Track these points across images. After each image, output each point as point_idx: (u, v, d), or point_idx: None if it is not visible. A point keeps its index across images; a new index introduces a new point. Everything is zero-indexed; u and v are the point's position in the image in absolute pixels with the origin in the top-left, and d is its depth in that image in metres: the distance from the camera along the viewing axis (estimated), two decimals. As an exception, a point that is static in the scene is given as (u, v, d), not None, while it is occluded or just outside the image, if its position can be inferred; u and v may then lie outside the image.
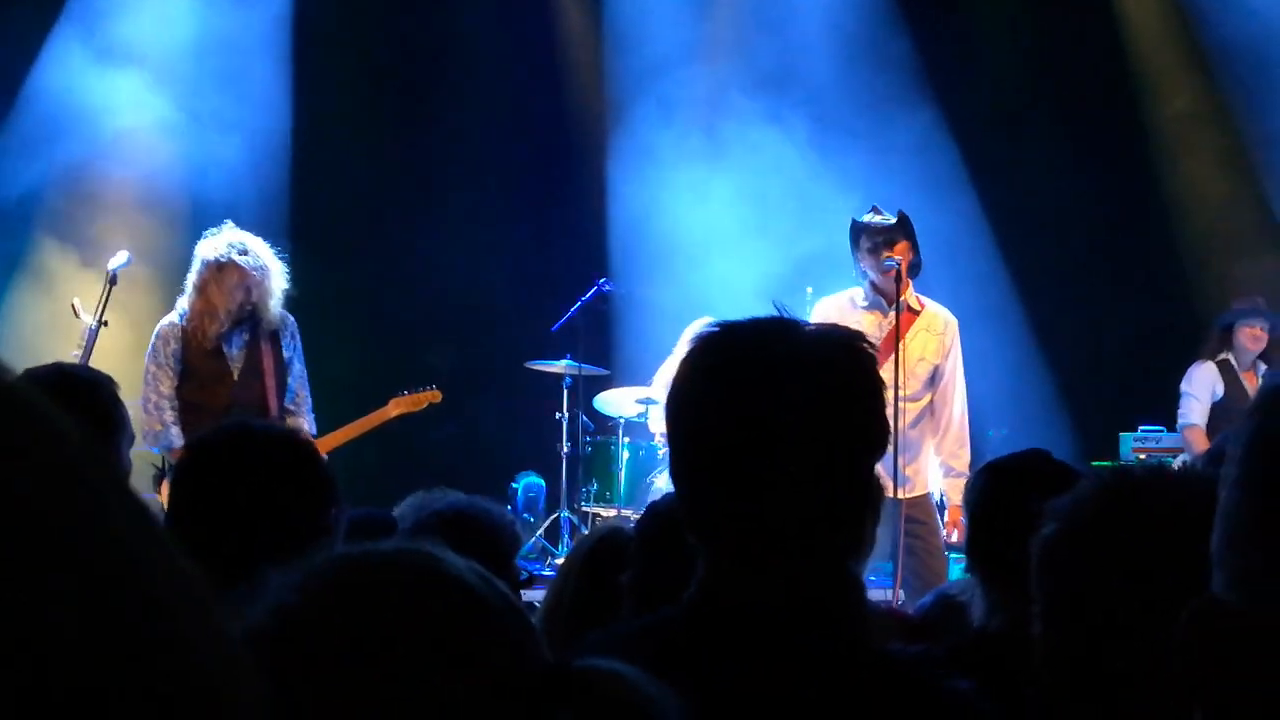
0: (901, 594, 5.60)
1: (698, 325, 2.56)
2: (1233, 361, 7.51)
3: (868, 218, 6.03)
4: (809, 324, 1.64)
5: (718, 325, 1.63)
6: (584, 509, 8.21)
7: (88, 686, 0.48)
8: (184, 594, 0.53)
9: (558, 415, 8.37)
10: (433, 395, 6.69)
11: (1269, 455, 0.70)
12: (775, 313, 1.64)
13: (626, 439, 8.21)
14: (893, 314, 5.94)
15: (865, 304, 6.03)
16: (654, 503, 2.61)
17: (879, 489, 1.62)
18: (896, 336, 5.87)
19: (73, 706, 0.47)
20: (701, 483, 1.59)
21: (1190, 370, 7.61)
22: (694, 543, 1.61)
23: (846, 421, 1.56)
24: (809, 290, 7.28)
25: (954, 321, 6.14)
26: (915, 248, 5.98)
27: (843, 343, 1.61)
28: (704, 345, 1.62)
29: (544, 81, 9.90)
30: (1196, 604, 0.73)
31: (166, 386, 5.76)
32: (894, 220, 5.97)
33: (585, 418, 8.45)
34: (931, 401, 6.03)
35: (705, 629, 1.57)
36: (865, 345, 1.62)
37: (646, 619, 1.64)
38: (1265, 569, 0.69)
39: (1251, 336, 7.47)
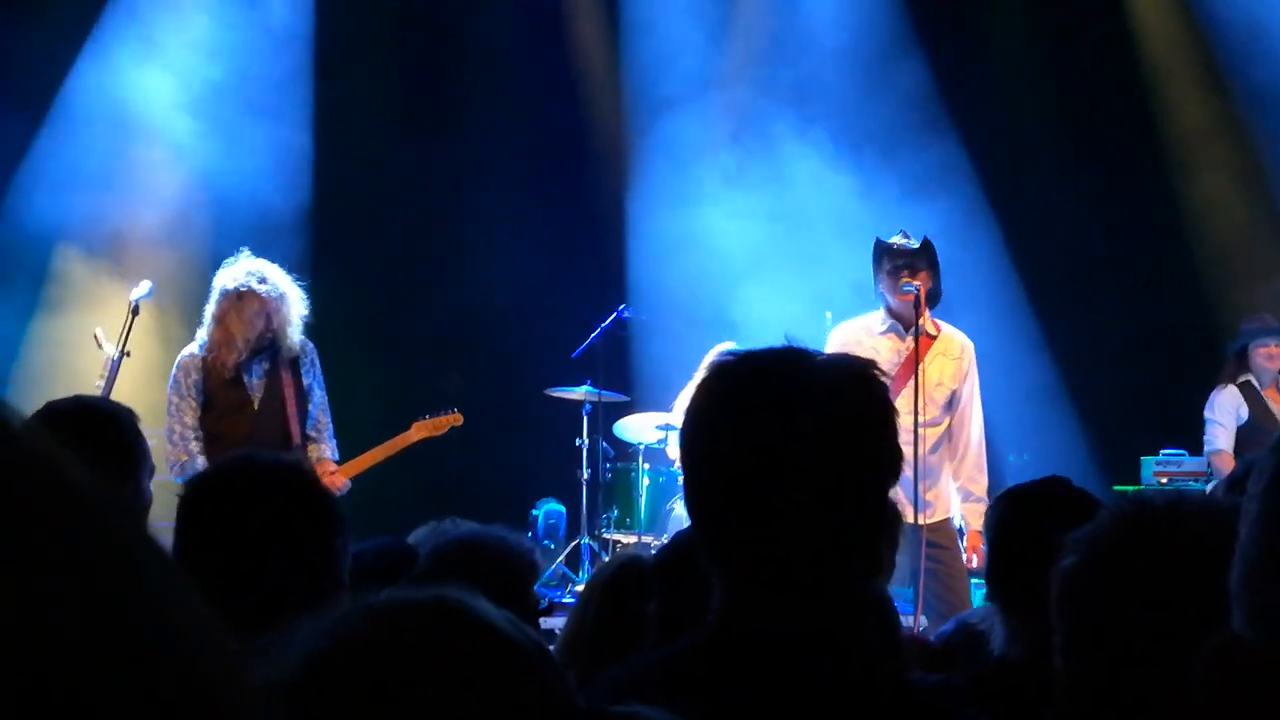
0: (924, 620, 5.58)
1: (717, 351, 2.57)
2: (1254, 382, 7.49)
3: (893, 240, 6.03)
4: (820, 353, 1.65)
5: (731, 355, 1.65)
6: (604, 535, 8.21)
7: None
8: (202, 634, 0.53)
9: (578, 441, 8.37)
10: (454, 418, 6.68)
11: None
12: (788, 343, 1.65)
13: (646, 465, 8.20)
14: (910, 339, 5.93)
15: (883, 329, 6.02)
16: (677, 534, 2.62)
17: (896, 515, 1.63)
18: (916, 362, 5.86)
19: None
20: (715, 510, 1.60)
21: (1212, 396, 7.58)
22: (709, 570, 1.62)
23: (857, 449, 1.57)
24: (828, 316, 7.28)
25: (970, 345, 6.13)
26: (936, 276, 5.97)
27: (853, 372, 1.63)
28: (717, 374, 1.64)
29: (564, 108, 9.93)
30: (1217, 640, 0.72)
31: (190, 417, 5.78)
32: (917, 246, 5.97)
33: (605, 444, 8.45)
34: (949, 426, 6.02)
35: (722, 658, 1.57)
36: (876, 373, 1.63)
37: (665, 650, 1.64)
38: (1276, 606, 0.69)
39: (1266, 355, 7.46)
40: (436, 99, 9.77)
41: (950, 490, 6.00)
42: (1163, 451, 7.95)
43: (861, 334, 5.99)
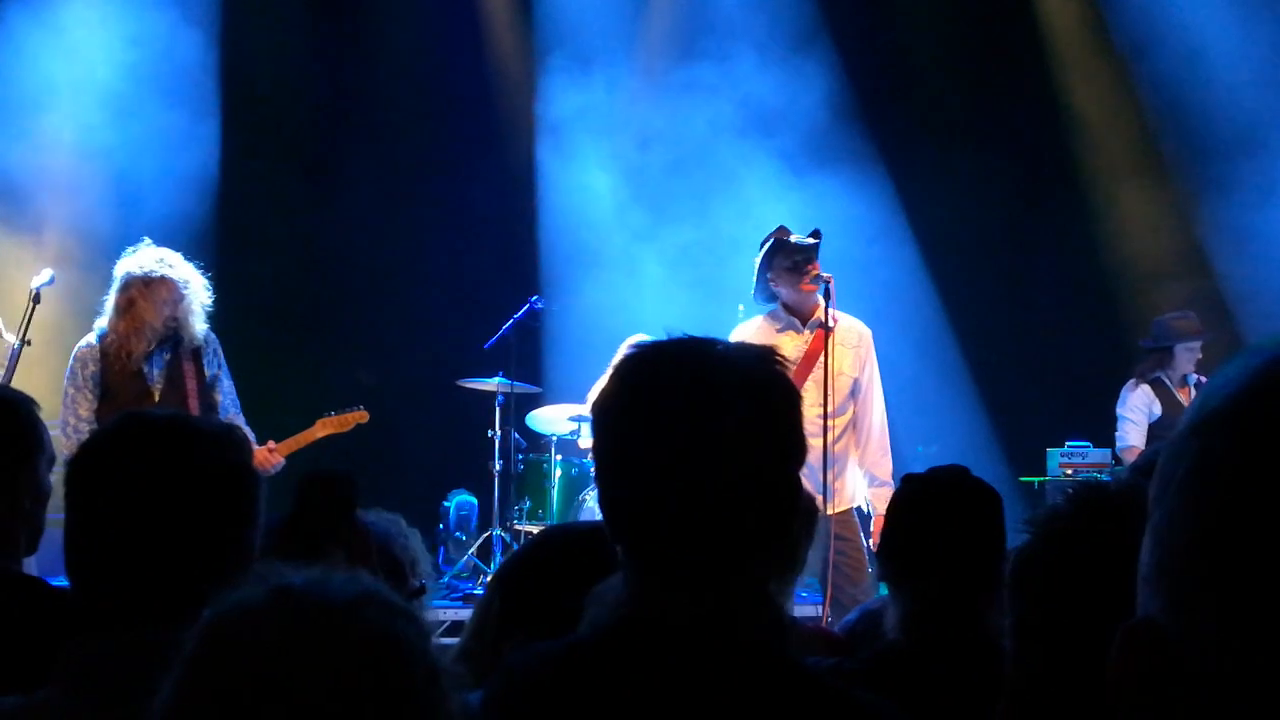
0: (830, 612, 5.62)
1: (630, 343, 2.59)
2: (1165, 380, 7.58)
3: (791, 237, 6.05)
4: (726, 342, 1.65)
5: (636, 347, 1.65)
6: (516, 527, 8.17)
7: None
8: None
9: (490, 433, 8.33)
10: (360, 415, 6.59)
11: (1214, 480, 0.69)
12: (691, 335, 1.66)
13: (559, 456, 8.19)
14: (807, 333, 5.99)
15: (780, 326, 6.06)
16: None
17: (811, 504, 1.64)
18: (827, 356, 5.88)
19: None
20: (625, 499, 1.60)
21: (1123, 393, 7.67)
22: (621, 559, 1.62)
23: (764, 436, 1.58)
24: (740, 308, 7.30)
25: (868, 333, 6.18)
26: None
27: (757, 358, 1.63)
28: (625, 365, 1.64)
29: (472, 98, 9.87)
30: (1128, 626, 0.73)
31: (85, 409, 5.65)
32: (816, 240, 6.02)
33: (517, 435, 8.42)
34: (853, 414, 6.07)
35: (629, 646, 1.57)
36: (779, 359, 1.64)
37: (572, 637, 1.64)
38: (1198, 597, 0.69)
39: (1193, 360, 7.55)
40: (344, 87, 9.67)
41: (854, 479, 6.05)
42: (1068, 443, 8.07)
43: (761, 335, 5.99)
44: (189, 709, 0.98)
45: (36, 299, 6.11)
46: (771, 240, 6.05)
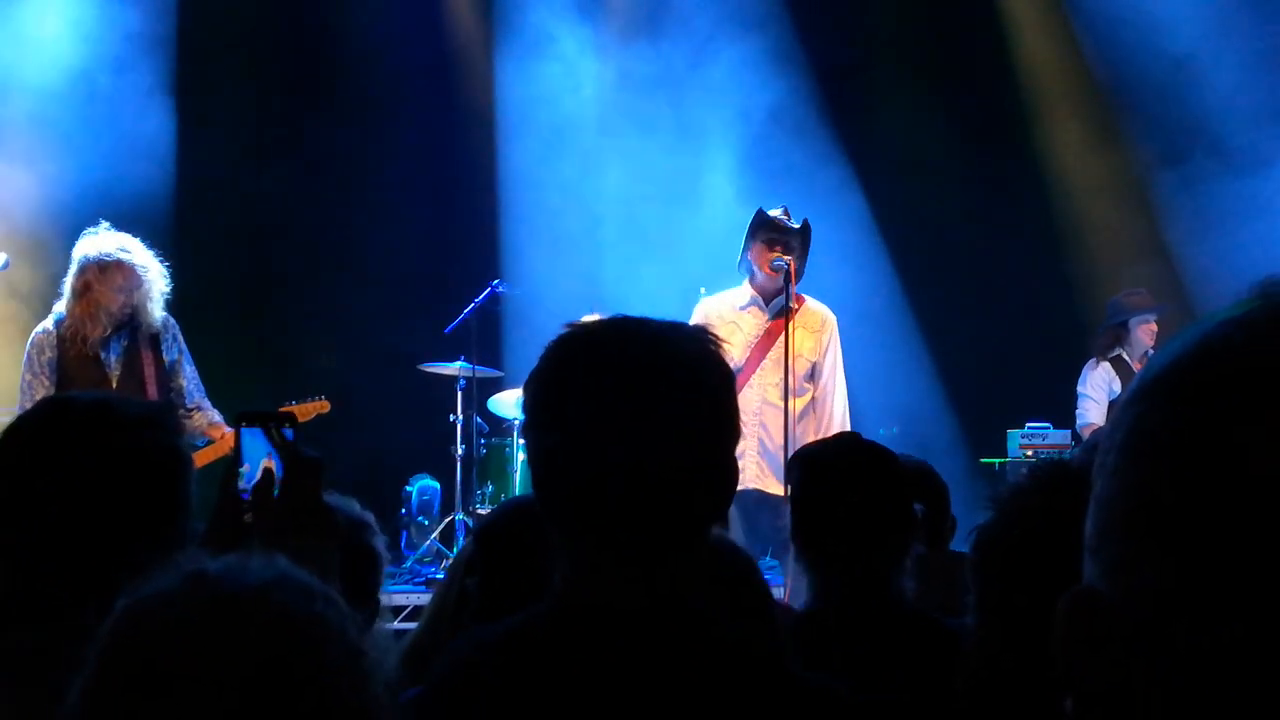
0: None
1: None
2: (1125, 357, 7.65)
3: (775, 213, 6.09)
4: (657, 321, 1.65)
5: (568, 328, 1.64)
6: (479, 511, 8.16)
7: None
8: None
9: (451, 418, 8.32)
10: (321, 405, 6.58)
11: (1153, 446, 0.71)
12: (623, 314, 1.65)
13: (521, 441, 8.17)
14: (770, 312, 6.04)
15: (744, 303, 6.11)
16: (501, 505, 2.61)
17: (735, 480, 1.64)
18: (787, 339, 5.91)
19: None
20: (558, 480, 1.59)
21: (1085, 371, 7.73)
22: (557, 541, 1.61)
23: (698, 412, 1.58)
24: (703, 290, 7.31)
25: (832, 319, 6.21)
26: (804, 259, 6.07)
27: (691, 337, 1.63)
28: (556, 346, 1.63)
29: (433, 82, 9.82)
30: (1071, 593, 0.73)
31: (42, 395, 5.60)
32: (798, 226, 6.05)
33: (479, 420, 8.41)
34: (813, 399, 6.10)
35: (567, 629, 1.57)
36: (711, 338, 1.64)
37: (510, 621, 1.62)
38: (1138, 561, 0.70)
39: (1148, 332, 7.62)
40: (301, 76, 9.60)
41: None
42: (1028, 424, 8.12)
43: (724, 309, 6.08)
44: (102, 697, 0.97)
45: (-9, 284, 6.05)
46: (759, 212, 6.10)
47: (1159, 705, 0.69)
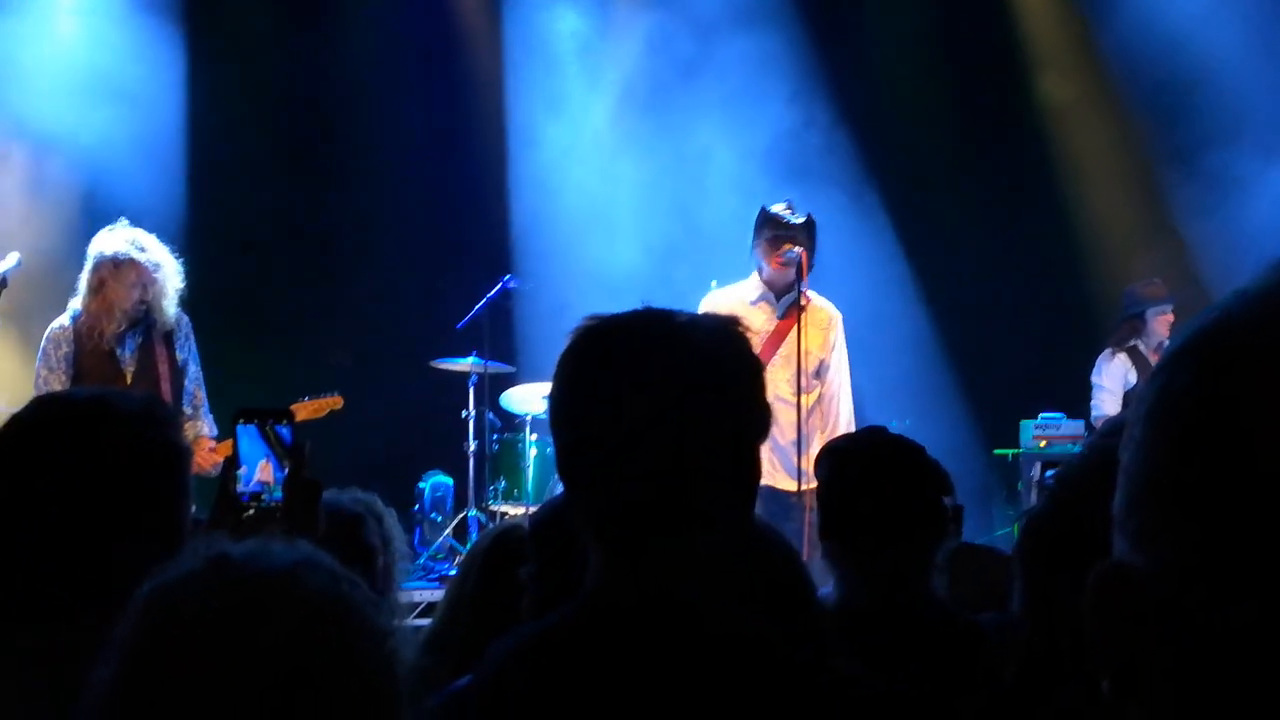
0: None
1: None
2: (1140, 348, 7.62)
3: (777, 209, 6.07)
4: (684, 313, 1.62)
5: (594, 319, 1.62)
6: (492, 507, 8.16)
7: None
8: None
9: (464, 413, 8.32)
10: (334, 401, 6.57)
11: (1175, 415, 0.71)
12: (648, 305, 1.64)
13: (534, 436, 8.18)
14: (780, 308, 6.02)
15: (755, 298, 6.09)
16: (551, 499, 2.60)
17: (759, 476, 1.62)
18: (799, 331, 5.90)
19: None
20: (586, 475, 1.58)
21: (1099, 362, 7.71)
22: (585, 538, 1.60)
23: (724, 407, 1.56)
24: (714, 284, 7.31)
25: (839, 316, 6.20)
26: (812, 253, 6.03)
27: (717, 329, 1.60)
28: (580, 339, 1.61)
29: (444, 79, 9.82)
30: (1100, 568, 0.73)
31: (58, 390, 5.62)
32: (801, 221, 6.03)
33: (492, 415, 8.41)
34: (820, 396, 6.09)
35: (599, 627, 1.55)
36: (740, 329, 1.61)
37: (542, 623, 1.61)
38: (1162, 531, 0.70)
39: (1165, 322, 7.59)
40: (314, 75, 9.60)
41: (821, 458, 6.07)
42: (1041, 415, 8.09)
43: (734, 303, 6.02)
44: (132, 687, 0.97)
45: (3, 284, 6.05)
46: (762, 209, 6.09)
47: (1182, 682, 0.69)
